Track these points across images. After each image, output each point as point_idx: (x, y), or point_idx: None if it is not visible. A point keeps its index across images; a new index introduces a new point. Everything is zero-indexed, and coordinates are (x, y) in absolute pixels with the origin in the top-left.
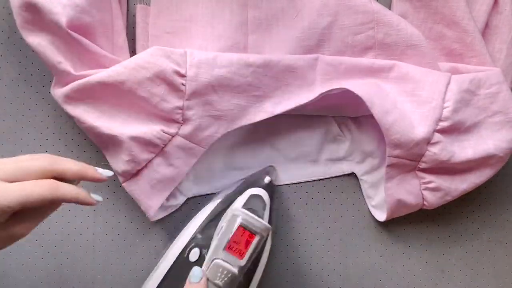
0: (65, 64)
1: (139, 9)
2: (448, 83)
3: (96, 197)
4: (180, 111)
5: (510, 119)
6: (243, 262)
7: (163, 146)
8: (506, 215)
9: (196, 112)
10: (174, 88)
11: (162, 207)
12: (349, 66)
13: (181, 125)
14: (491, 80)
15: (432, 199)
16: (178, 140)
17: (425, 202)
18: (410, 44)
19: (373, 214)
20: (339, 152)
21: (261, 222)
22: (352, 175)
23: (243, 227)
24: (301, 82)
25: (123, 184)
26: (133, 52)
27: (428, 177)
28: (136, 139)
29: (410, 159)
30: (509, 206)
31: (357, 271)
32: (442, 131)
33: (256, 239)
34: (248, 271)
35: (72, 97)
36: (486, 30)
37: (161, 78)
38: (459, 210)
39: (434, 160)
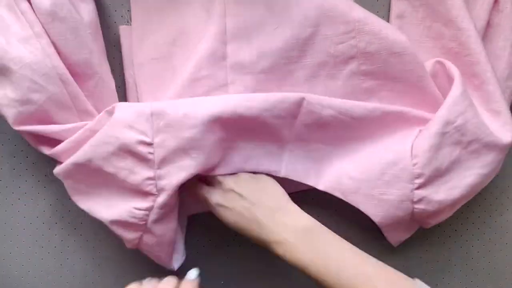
0: (41, 148)
1: (123, 30)
2: (415, 139)
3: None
4: (152, 181)
5: (484, 143)
6: None
7: (144, 223)
8: (506, 215)
9: (169, 181)
10: (141, 158)
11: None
12: (331, 122)
13: (156, 197)
14: (453, 112)
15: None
16: (155, 214)
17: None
18: (392, 52)
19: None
20: None
21: None
22: None
23: None
24: (272, 146)
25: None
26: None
27: (426, 221)
28: (116, 223)
29: (401, 219)
30: (509, 206)
31: None
32: (421, 187)
33: None
34: None
35: (65, 177)
36: (488, 29)
37: (125, 151)
38: (459, 211)
39: (424, 213)
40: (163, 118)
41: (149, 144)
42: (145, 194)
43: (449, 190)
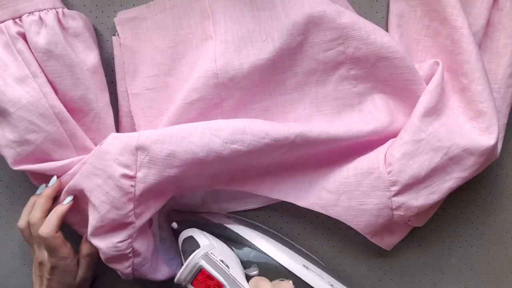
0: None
1: (116, 41)
2: (387, 148)
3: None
4: (132, 212)
5: (463, 147)
6: None
7: (128, 252)
8: (505, 215)
9: (147, 209)
10: (123, 192)
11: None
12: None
13: (135, 223)
14: (423, 121)
15: (420, 224)
16: (137, 242)
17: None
18: (380, 56)
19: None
20: None
21: None
22: None
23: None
24: (253, 170)
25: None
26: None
27: (407, 221)
28: (105, 255)
29: (382, 225)
30: (508, 206)
31: (356, 271)
32: (398, 194)
33: None
34: None
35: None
36: (488, 27)
37: (109, 184)
38: (458, 211)
39: (404, 218)
40: (147, 154)
41: (132, 177)
42: (126, 224)
43: (428, 195)
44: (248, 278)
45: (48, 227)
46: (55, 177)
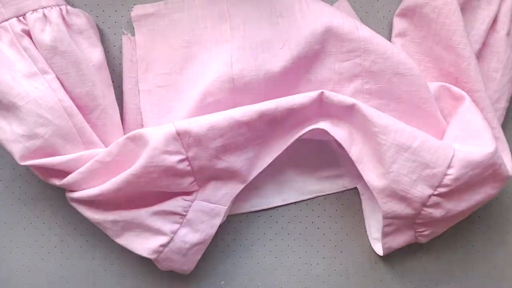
0: (50, 180)
1: (125, 40)
2: (453, 155)
3: None
4: (194, 182)
5: (493, 171)
6: None
7: (185, 213)
8: (506, 215)
9: (209, 179)
10: (181, 173)
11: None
12: (350, 109)
13: (198, 191)
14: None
15: (425, 240)
16: (198, 204)
17: (417, 241)
18: (396, 72)
19: (373, 247)
20: (340, 169)
21: None
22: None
23: None
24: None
25: (157, 265)
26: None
27: (423, 228)
28: (158, 213)
29: (405, 217)
30: (509, 206)
31: (357, 271)
32: (439, 195)
33: None
34: None
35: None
36: (483, 48)
37: (167, 173)
38: None
39: (429, 217)
40: (190, 135)
41: (185, 159)
42: (189, 192)
43: (459, 202)
44: None
45: None
46: None
